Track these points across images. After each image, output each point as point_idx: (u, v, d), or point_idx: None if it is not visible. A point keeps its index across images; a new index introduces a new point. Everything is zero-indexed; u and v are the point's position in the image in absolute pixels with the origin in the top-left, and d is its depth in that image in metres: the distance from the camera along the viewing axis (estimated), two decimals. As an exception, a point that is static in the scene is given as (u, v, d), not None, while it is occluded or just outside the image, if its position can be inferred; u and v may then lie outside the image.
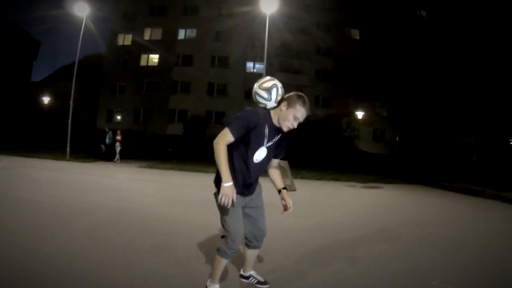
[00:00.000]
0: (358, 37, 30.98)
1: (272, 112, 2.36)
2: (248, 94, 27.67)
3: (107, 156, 15.28)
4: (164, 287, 2.59)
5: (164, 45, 28.35)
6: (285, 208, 2.47)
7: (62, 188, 6.91)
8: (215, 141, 2.22)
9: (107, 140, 15.41)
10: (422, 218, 6.56)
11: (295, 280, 2.91)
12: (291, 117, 2.31)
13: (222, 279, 2.57)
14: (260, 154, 2.35)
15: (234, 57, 28.15)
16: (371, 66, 29.42)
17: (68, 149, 14.49)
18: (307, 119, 2.47)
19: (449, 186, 13.65)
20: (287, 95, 2.37)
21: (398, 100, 29.13)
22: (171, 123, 27.73)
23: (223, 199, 2.16)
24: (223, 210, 2.32)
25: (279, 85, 2.38)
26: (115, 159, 15.20)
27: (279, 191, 2.54)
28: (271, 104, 2.36)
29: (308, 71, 29.06)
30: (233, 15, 27.67)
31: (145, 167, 13.21)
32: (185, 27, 28.84)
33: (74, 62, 16.51)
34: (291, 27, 24.70)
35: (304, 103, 2.33)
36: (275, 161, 2.56)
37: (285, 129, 2.35)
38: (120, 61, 29.19)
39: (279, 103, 2.35)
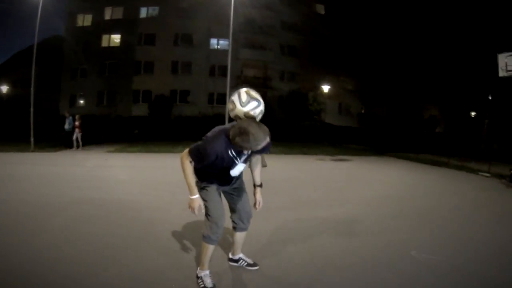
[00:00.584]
0: (323, 12, 31.37)
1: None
2: (213, 71, 27.84)
3: (66, 142, 14.48)
4: (155, 280, 2.57)
5: (126, 25, 27.27)
6: (255, 204, 2.64)
7: (30, 182, 6.58)
8: (181, 155, 2.33)
9: (66, 126, 14.61)
10: (394, 191, 7.11)
11: (283, 259, 3.06)
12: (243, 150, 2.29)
13: (211, 264, 2.61)
14: (238, 168, 2.42)
15: (198, 34, 27.69)
16: (337, 41, 30.05)
17: (32, 139, 13.87)
18: (273, 95, 2.61)
19: (416, 157, 14.79)
20: (233, 130, 2.20)
21: (363, 74, 30.21)
22: (135, 104, 27.13)
23: (190, 210, 2.35)
24: (203, 197, 2.42)
25: (262, 107, 2.32)
26: (76, 147, 14.30)
27: (254, 186, 2.66)
28: (240, 109, 2.27)
29: (273, 46, 29.26)
30: (196, -9, 26.95)
31: (113, 151, 13.22)
32: (147, 5, 27.80)
33: (31, 47, 15.58)
34: (256, 2, 24.53)
35: (248, 141, 2.14)
36: (257, 156, 2.60)
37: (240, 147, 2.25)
38: (80, 43, 27.77)
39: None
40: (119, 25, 27.44)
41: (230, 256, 2.91)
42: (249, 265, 2.83)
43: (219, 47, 28.50)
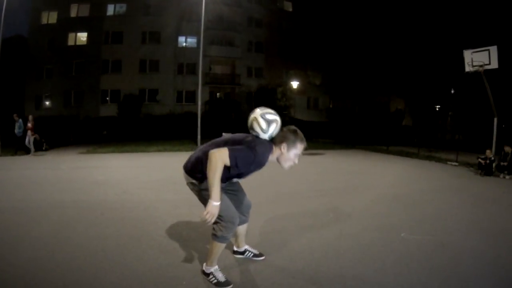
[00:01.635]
0: (291, 9, 31.79)
1: (273, 150, 2.34)
2: (181, 69, 27.53)
3: (20, 147, 12.62)
4: (161, 279, 2.50)
5: (93, 22, 26.20)
6: None
7: (3, 188, 6.07)
8: (216, 155, 2.11)
9: (16, 130, 12.58)
10: (371, 180, 7.46)
11: (284, 249, 3.13)
12: (294, 156, 2.36)
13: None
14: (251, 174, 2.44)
15: (166, 32, 27.12)
16: (304, 36, 30.58)
17: (-1, 143, 12.67)
18: (241, 91, 2.63)
19: (386, 149, 15.38)
20: (280, 133, 2.36)
21: (330, 69, 30.92)
22: (104, 104, 26.21)
23: (208, 217, 2.14)
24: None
25: (279, 122, 2.39)
26: (30, 153, 12.26)
27: None
28: (264, 136, 2.34)
29: (240, 43, 29.28)
30: (164, -12, 26.48)
31: (85, 153, 12.72)
32: (114, 2, 26.79)
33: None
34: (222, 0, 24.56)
35: (302, 138, 2.37)
36: None
37: (285, 168, 2.40)
38: (45, 42, 26.31)
39: (274, 142, 2.35)
40: (85, 22, 26.33)
41: (235, 249, 2.92)
42: (255, 255, 2.88)
43: (187, 44, 28.22)
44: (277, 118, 2.37)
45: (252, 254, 2.88)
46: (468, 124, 19.93)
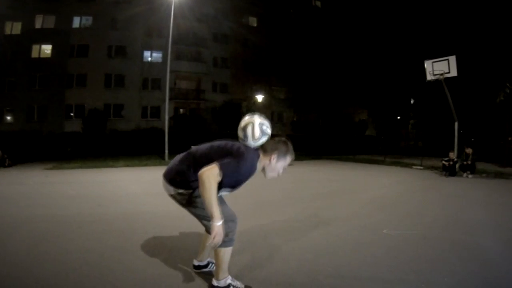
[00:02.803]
0: (255, 25, 32.44)
1: (260, 158, 2.29)
2: (146, 84, 27.37)
3: None
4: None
5: (58, 35, 25.24)
6: None
7: None
8: (207, 175, 2.01)
9: None
10: (344, 186, 7.70)
11: (273, 255, 3.08)
12: (281, 168, 2.33)
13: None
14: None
15: (132, 46, 26.83)
16: (268, 51, 31.29)
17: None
18: (206, 106, 2.53)
19: (353, 158, 15.90)
20: (272, 142, 2.31)
21: (294, 83, 31.75)
22: (68, 120, 25.17)
23: (217, 239, 2.02)
24: (203, 213, 2.22)
25: (258, 121, 2.30)
26: None
27: None
28: (250, 143, 2.28)
29: (205, 58, 29.45)
30: (131, 2, 26.09)
31: (51, 168, 12.10)
32: (80, 14, 26.04)
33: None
34: (188, 15, 24.61)
35: (292, 151, 2.35)
36: None
37: (268, 177, 2.35)
38: (8, 53, 24.84)
39: (264, 150, 2.29)
40: (50, 34, 25.27)
41: (197, 263, 2.67)
42: None
43: (152, 59, 28.02)
44: (252, 119, 2.32)
45: (214, 265, 2.56)
46: (429, 131, 21.12)
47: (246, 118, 2.35)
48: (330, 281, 2.53)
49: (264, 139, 2.30)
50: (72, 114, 25.51)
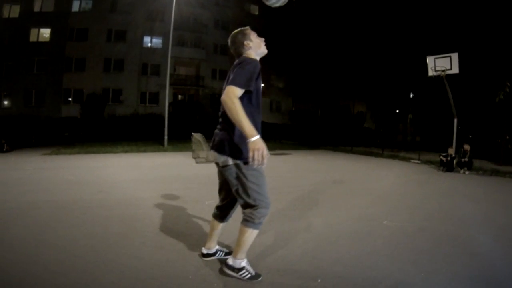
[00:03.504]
0: (257, 13, 32.20)
1: (248, 53, 2.41)
2: (145, 70, 27.17)
3: None
4: (164, 274, 2.43)
5: (57, 18, 24.79)
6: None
7: None
8: (228, 98, 2.04)
9: None
10: (343, 176, 7.78)
11: (278, 240, 3.20)
12: (259, 41, 2.52)
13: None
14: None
15: (132, 31, 26.49)
16: (269, 41, 30.95)
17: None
18: (205, 93, 2.58)
19: (350, 149, 15.94)
20: (237, 41, 2.43)
21: (294, 73, 31.64)
22: (66, 104, 24.99)
23: (256, 155, 1.93)
24: (250, 178, 2.21)
25: None
26: None
27: None
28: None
29: (205, 44, 29.30)
30: (132, -14, 25.80)
31: (49, 154, 12.08)
32: (80, -3, 25.69)
33: None
34: (190, 1, 24.39)
35: (246, 29, 2.49)
36: None
37: (264, 54, 2.56)
38: (6, 37, 24.42)
39: (244, 52, 2.41)
40: (49, 18, 24.81)
41: (205, 251, 2.69)
42: (226, 254, 2.70)
43: (152, 45, 27.77)
44: None
45: (224, 253, 2.70)
46: (427, 125, 21.22)
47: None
48: (333, 268, 2.62)
49: None
50: (70, 98, 25.33)
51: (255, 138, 1.95)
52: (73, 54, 25.14)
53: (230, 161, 2.21)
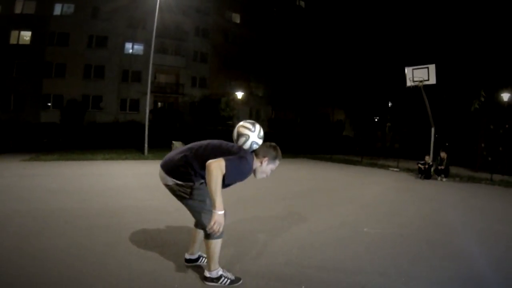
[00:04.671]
0: (238, 21, 32.49)
1: (254, 160, 2.44)
2: (126, 77, 27.01)
3: None
4: (151, 284, 2.43)
5: (38, 21, 24.29)
6: None
7: None
8: (214, 166, 2.16)
9: None
10: (324, 185, 7.95)
11: (262, 247, 3.27)
12: (269, 171, 2.50)
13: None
14: None
15: (113, 37, 26.29)
16: (249, 49, 31.38)
17: None
18: (184, 100, 2.55)
19: (330, 158, 16.15)
20: (263, 147, 2.47)
21: (273, 81, 32.00)
22: (45, 110, 24.39)
23: (215, 227, 2.18)
24: (199, 206, 2.39)
25: (252, 140, 2.43)
26: None
27: None
28: (253, 135, 2.44)
29: (185, 52, 29.34)
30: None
31: (28, 160, 11.73)
32: (62, 1, 25.19)
33: None
34: (171, 8, 24.37)
35: (281, 156, 2.53)
36: None
37: (258, 178, 2.54)
38: None
39: (256, 154, 2.45)
40: (30, 21, 24.29)
41: (188, 256, 2.78)
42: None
43: (133, 51, 27.65)
44: (248, 133, 2.45)
45: (205, 259, 2.71)
46: (405, 134, 21.81)
47: (245, 130, 2.46)
48: (318, 274, 2.70)
49: (258, 127, 2.49)
50: (49, 104, 24.77)
51: (221, 212, 2.19)
52: (53, 59, 24.64)
53: (171, 182, 2.41)
